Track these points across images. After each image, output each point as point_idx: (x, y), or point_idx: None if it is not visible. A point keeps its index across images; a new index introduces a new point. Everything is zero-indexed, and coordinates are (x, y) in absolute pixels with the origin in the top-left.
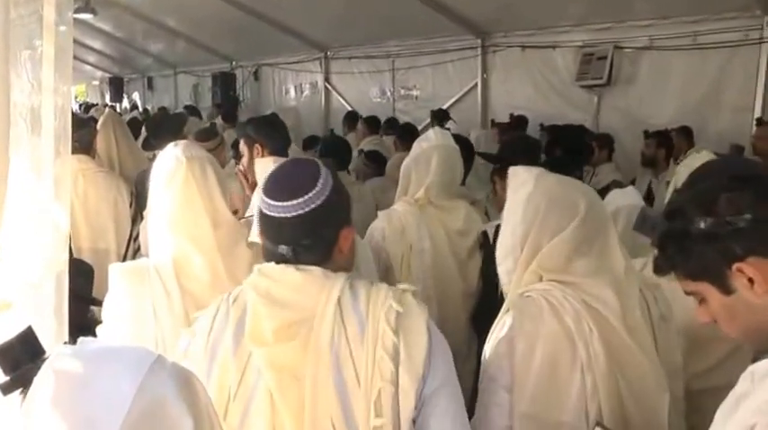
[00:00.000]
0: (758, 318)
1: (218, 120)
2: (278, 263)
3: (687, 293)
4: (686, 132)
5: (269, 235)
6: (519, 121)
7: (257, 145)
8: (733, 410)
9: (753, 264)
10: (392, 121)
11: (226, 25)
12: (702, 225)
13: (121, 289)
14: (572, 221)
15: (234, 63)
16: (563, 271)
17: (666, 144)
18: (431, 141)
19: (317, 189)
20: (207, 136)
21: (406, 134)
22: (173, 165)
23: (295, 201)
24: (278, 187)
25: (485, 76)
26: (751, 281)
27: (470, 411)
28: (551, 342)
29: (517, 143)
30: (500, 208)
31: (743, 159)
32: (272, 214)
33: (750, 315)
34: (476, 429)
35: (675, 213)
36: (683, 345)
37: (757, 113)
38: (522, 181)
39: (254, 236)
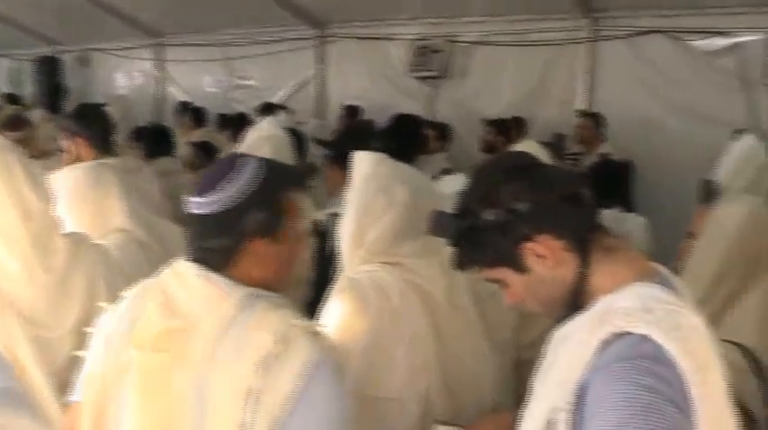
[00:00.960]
0: (552, 289)
1: (38, 110)
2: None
3: (490, 281)
4: (519, 122)
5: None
6: (353, 112)
7: (78, 139)
8: (546, 376)
9: (540, 241)
10: (224, 117)
11: (47, 4)
12: (489, 217)
13: None
14: (396, 206)
15: (57, 47)
16: (390, 253)
17: (505, 132)
18: (262, 131)
19: (229, 189)
20: (15, 125)
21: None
22: None
23: (203, 199)
24: (202, 180)
25: (321, 66)
26: (541, 257)
27: None
28: (378, 321)
29: (353, 131)
30: (333, 194)
31: (515, 153)
32: (188, 208)
33: (546, 288)
34: None
35: (463, 211)
36: (516, 321)
37: (577, 106)
38: (359, 166)
39: None
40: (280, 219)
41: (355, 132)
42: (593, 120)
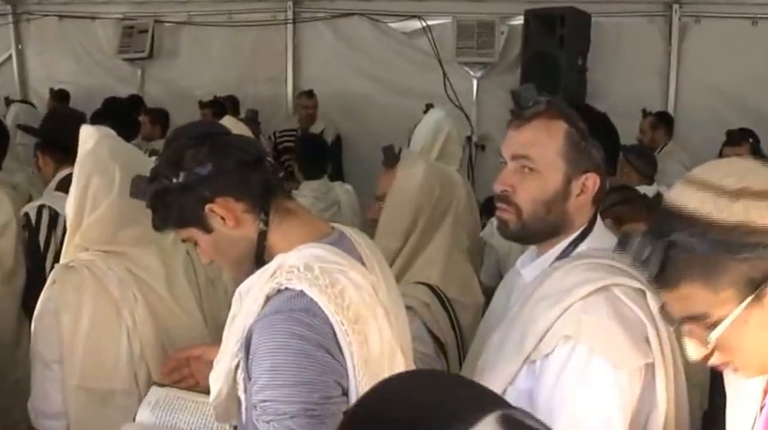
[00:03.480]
0: (237, 248)
1: None
2: None
3: (184, 241)
4: (232, 101)
5: None
6: (61, 96)
7: None
8: (229, 328)
9: (221, 203)
10: None
11: None
12: (176, 180)
13: None
14: (113, 190)
15: None
16: (108, 241)
17: (221, 112)
18: None
19: None
20: None
21: None
22: None
23: None
24: None
25: (20, 46)
26: (222, 218)
27: None
28: (96, 311)
29: (62, 116)
30: (45, 183)
31: (205, 122)
32: None
33: (231, 247)
34: (34, 409)
35: (156, 175)
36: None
37: (287, 84)
38: (83, 142)
39: None
40: None
41: (65, 117)
42: (311, 98)
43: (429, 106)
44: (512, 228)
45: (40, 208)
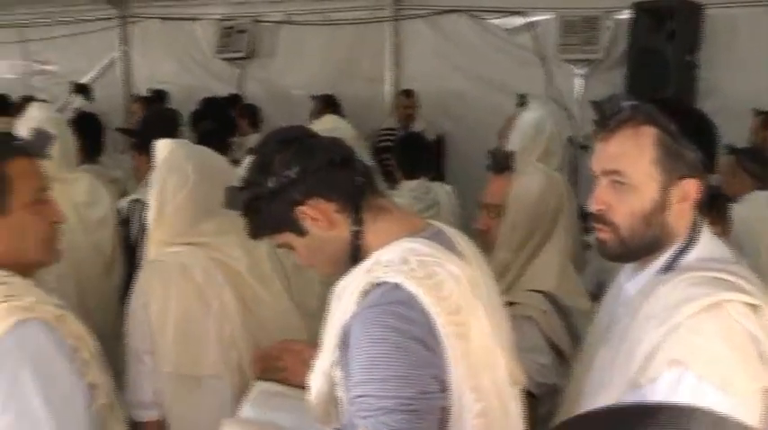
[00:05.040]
0: (332, 249)
1: None
2: None
3: (280, 246)
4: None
5: None
6: (159, 96)
7: None
8: (328, 327)
9: (311, 205)
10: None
11: None
12: (266, 186)
13: None
14: (188, 185)
15: None
16: (189, 233)
17: (332, 105)
18: (32, 121)
19: None
20: None
21: None
22: None
23: None
24: None
25: (125, 48)
26: (315, 219)
27: None
28: (183, 300)
29: (157, 117)
30: (140, 180)
31: (289, 126)
32: None
33: (327, 248)
34: (128, 400)
35: (247, 183)
36: (322, 289)
37: (386, 83)
38: (159, 152)
39: None
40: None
41: (159, 119)
42: (410, 98)
43: (522, 98)
44: (611, 248)
45: (134, 202)
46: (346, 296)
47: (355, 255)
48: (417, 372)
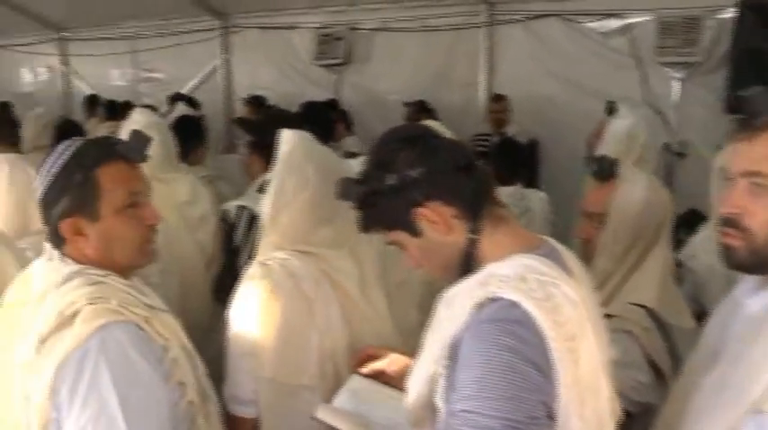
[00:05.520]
0: (445, 254)
1: None
2: None
3: (389, 244)
4: (422, 106)
5: None
6: (258, 101)
7: None
8: (432, 334)
9: (431, 207)
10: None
11: None
12: (386, 182)
13: None
14: (308, 187)
15: None
16: (303, 241)
17: (426, 111)
18: (138, 124)
19: (43, 175)
20: None
21: None
22: None
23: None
24: None
25: (226, 56)
26: (432, 222)
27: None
28: (290, 309)
29: (275, 118)
30: (252, 177)
31: (413, 124)
32: None
33: (439, 252)
34: (228, 395)
35: (364, 177)
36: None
37: (480, 89)
38: (282, 145)
39: None
40: (89, 196)
41: (278, 120)
42: (500, 102)
43: (610, 104)
44: (739, 256)
45: (241, 208)
46: (457, 305)
47: (468, 263)
48: (528, 396)
